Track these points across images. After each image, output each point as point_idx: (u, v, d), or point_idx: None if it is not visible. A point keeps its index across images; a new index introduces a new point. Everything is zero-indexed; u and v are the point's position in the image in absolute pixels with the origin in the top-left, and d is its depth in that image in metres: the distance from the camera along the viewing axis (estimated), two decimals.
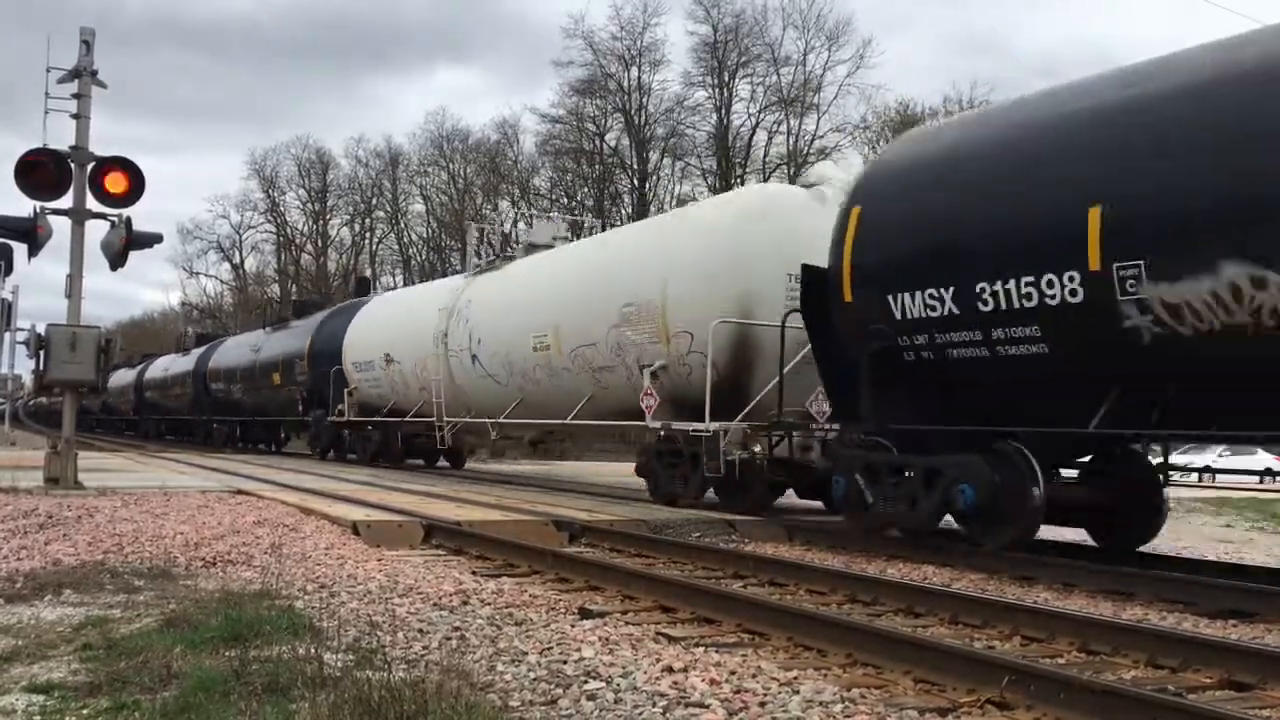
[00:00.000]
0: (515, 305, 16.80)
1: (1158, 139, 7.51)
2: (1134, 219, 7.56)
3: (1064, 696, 4.20)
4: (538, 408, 16.35)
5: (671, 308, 12.96)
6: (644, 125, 53.49)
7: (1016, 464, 8.57)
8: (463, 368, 18.17)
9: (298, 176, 68.50)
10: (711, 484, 12.46)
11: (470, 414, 18.42)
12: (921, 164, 9.71)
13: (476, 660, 4.83)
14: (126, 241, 12.73)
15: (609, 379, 14.25)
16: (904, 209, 9.52)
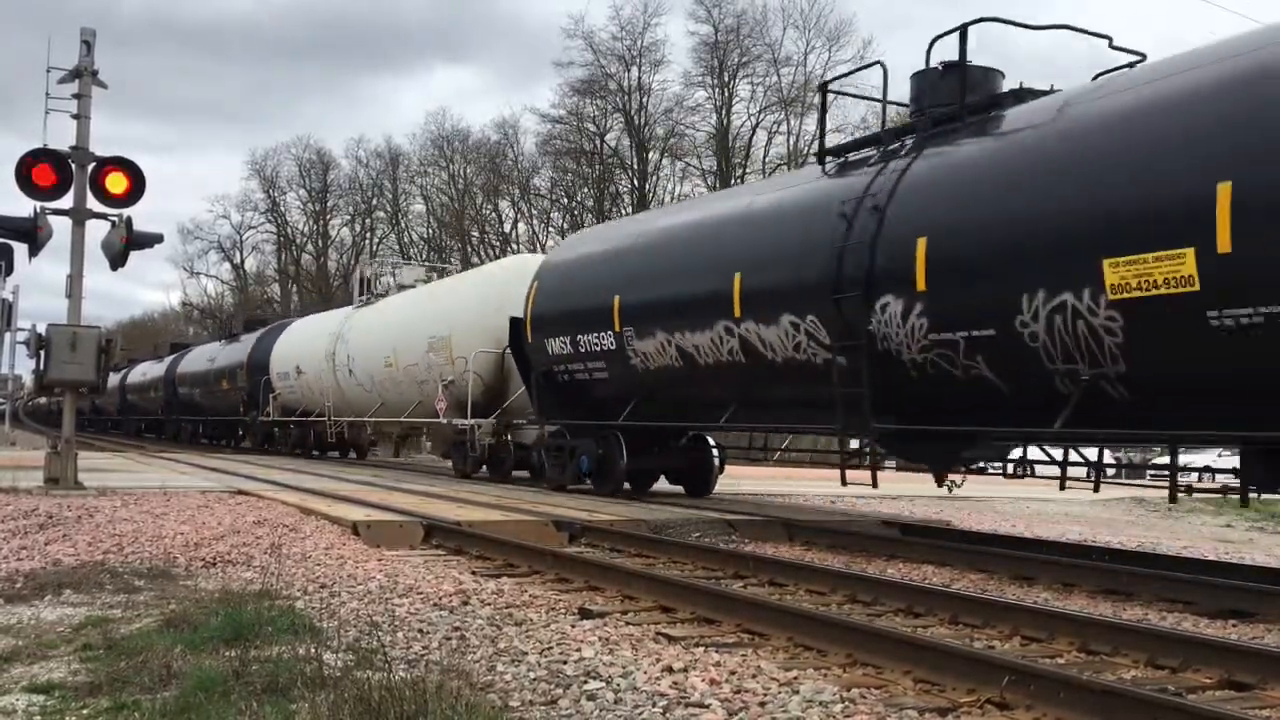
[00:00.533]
0: (375, 332, 22.53)
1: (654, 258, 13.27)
2: (629, 309, 13.20)
3: (1064, 696, 4.20)
4: (392, 409, 21.73)
5: (455, 340, 18.47)
6: (644, 125, 53.48)
7: (613, 444, 14.22)
8: (345, 379, 23.69)
9: (298, 176, 68.57)
10: (483, 461, 18.16)
11: (352, 414, 23.87)
12: (564, 262, 15.51)
13: (476, 660, 4.83)
14: (127, 241, 12.73)
15: (426, 389, 19.50)
16: (554, 287, 15.14)
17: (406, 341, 20.31)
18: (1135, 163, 7.60)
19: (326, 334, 25.03)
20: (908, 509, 14.48)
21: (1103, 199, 7.68)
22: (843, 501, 15.17)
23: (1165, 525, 15.34)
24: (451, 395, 18.12)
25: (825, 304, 9.88)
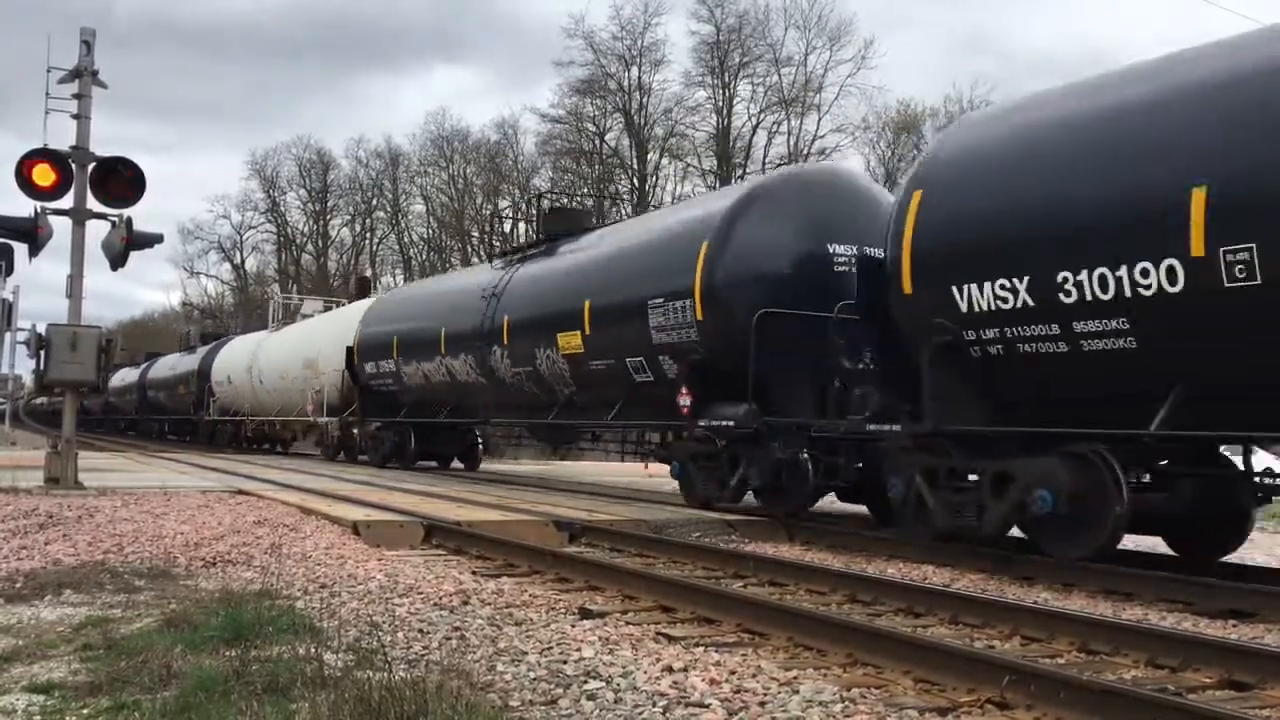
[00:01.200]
0: (276, 352, 28.52)
1: None
2: (401, 345, 20.04)
3: (1064, 696, 4.20)
4: (285, 411, 27.73)
5: (320, 361, 24.86)
6: (644, 125, 53.48)
7: (406, 435, 21.04)
8: (258, 387, 29.44)
9: (298, 176, 68.52)
10: (339, 448, 24.22)
11: (262, 414, 29.69)
12: (375, 310, 21.86)
13: (476, 660, 4.83)
14: (127, 241, 12.73)
15: (304, 396, 25.61)
16: (368, 328, 21.16)
17: (293, 361, 26.96)
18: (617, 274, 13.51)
19: (248, 351, 31.15)
20: None
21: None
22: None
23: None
24: (316, 401, 24.86)
25: (479, 347, 16.74)
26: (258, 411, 30.11)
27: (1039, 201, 8.14)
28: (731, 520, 11.09)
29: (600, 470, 23.39)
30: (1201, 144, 7.21)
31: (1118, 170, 7.69)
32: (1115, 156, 7.75)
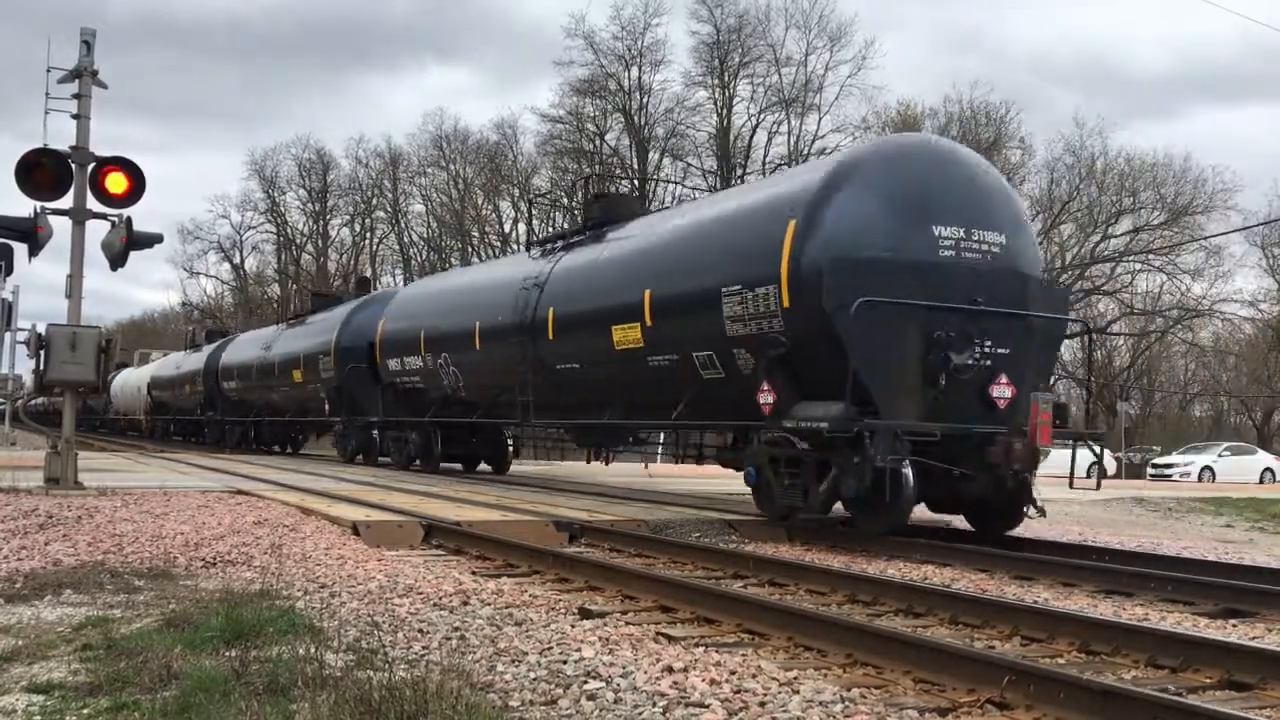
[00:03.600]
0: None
1: None
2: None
3: (1064, 696, 4.20)
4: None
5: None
6: (644, 125, 53.47)
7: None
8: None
9: (298, 177, 68.50)
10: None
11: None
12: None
13: (476, 660, 4.83)
14: (126, 241, 12.72)
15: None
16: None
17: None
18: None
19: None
20: None
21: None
22: None
23: (1165, 525, 15.35)
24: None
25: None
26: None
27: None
28: (731, 520, 11.09)
29: (600, 471, 23.38)
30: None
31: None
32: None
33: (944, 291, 10.00)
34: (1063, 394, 56.31)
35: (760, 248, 10.75)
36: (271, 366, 27.58)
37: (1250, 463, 35.53)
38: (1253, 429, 50.89)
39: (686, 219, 13.07)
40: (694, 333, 11.78)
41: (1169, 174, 50.95)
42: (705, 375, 11.88)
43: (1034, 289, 10.71)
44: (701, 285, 11.65)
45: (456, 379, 18.24)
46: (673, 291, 12.22)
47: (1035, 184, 52.58)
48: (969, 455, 9.93)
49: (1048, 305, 10.87)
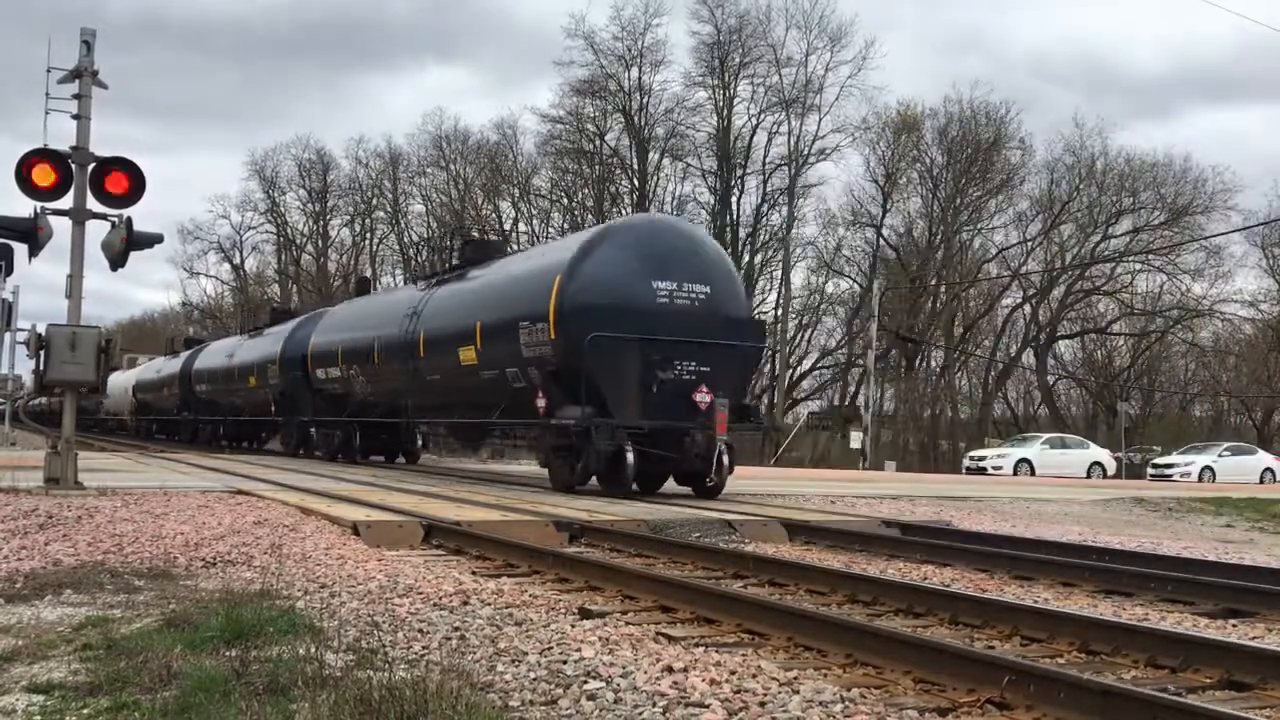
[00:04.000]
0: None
1: None
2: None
3: (1064, 696, 4.20)
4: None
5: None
6: (644, 125, 53.47)
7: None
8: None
9: (298, 177, 68.53)
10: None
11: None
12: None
13: (476, 660, 4.83)
14: (126, 241, 12.72)
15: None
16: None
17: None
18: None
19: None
20: (908, 509, 14.48)
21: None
22: (843, 501, 15.17)
23: (1165, 525, 15.34)
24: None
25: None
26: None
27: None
28: (732, 520, 11.10)
29: None
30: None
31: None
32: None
33: (659, 328, 14.31)
34: (1062, 394, 56.40)
35: (540, 294, 14.92)
36: (234, 372, 30.89)
37: (1250, 463, 35.53)
38: (1253, 429, 50.89)
39: (504, 271, 17.68)
40: (505, 354, 15.81)
41: (1169, 174, 51.05)
42: (514, 385, 15.87)
43: (733, 325, 15.02)
44: (507, 319, 15.80)
45: (365, 386, 22.25)
46: (492, 323, 16.34)
47: (1035, 184, 52.67)
48: (675, 441, 14.27)
49: (744, 336, 15.23)
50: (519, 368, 15.56)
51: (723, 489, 14.75)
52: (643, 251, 14.76)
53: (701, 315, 14.67)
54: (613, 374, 14.12)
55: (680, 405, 14.33)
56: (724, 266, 15.74)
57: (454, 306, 18.20)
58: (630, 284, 14.43)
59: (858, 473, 31.60)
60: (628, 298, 14.33)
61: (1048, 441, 36.55)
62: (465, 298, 18.08)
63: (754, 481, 20.07)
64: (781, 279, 53.25)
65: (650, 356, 14.22)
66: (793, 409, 54.73)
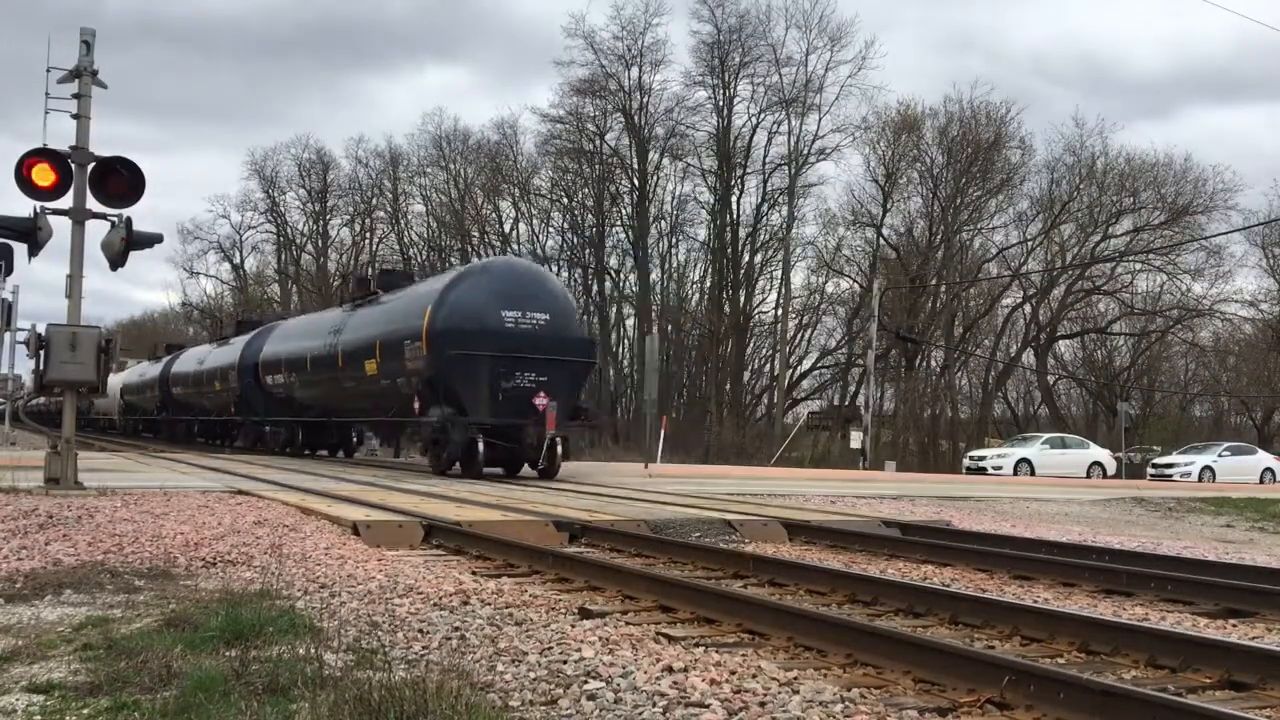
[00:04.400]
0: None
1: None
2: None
3: (1064, 696, 4.20)
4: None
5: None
6: (644, 125, 53.46)
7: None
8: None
9: (298, 177, 68.50)
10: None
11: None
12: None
13: (476, 660, 4.83)
14: (126, 241, 12.72)
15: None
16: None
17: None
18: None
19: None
20: (908, 509, 14.49)
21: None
22: (843, 501, 15.17)
23: (1165, 525, 15.34)
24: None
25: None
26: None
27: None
28: (731, 520, 11.10)
29: (600, 471, 23.39)
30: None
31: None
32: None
33: (506, 347, 18.43)
34: (1062, 393, 56.37)
35: (417, 319, 19.27)
36: (204, 376, 34.26)
37: (1250, 463, 35.52)
38: (1253, 429, 50.89)
39: (400, 298, 21.78)
40: (395, 366, 20.17)
41: (1169, 174, 51.03)
42: (402, 391, 20.10)
43: (567, 344, 19.16)
44: (396, 338, 20.11)
45: (303, 391, 26.01)
46: (386, 341, 20.60)
47: (1035, 184, 52.65)
48: (516, 435, 18.31)
49: (575, 354, 19.41)
50: (405, 377, 19.88)
51: (556, 472, 18.90)
52: (496, 286, 19.08)
53: (541, 337, 18.84)
54: (468, 382, 18.23)
55: (522, 407, 18.25)
56: (562, 299, 20.12)
57: (364, 326, 22.44)
58: (485, 312, 18.67)
59: (858, 473, 31.60)
60: (482, 323, 18.57)
61: (1048, 441, 36.54)
62: (373, 319, 22.25)
63: (753, 481, 20.08)
64: (781, 279, 53.29)
65: (498, 369, 18.18)
66: (793, 409, 54.71)
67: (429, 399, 18.80)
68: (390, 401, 21.02)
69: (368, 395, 22.18)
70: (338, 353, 23.13)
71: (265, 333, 30.22)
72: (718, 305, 53.47)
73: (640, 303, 53.49)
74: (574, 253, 57.16)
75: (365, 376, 21.66)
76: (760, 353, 55.96)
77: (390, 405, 21.16)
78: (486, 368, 18.13)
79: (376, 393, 21.52)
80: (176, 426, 39.57)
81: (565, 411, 18.65)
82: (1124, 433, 41.25)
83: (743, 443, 45.82)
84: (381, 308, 22.36)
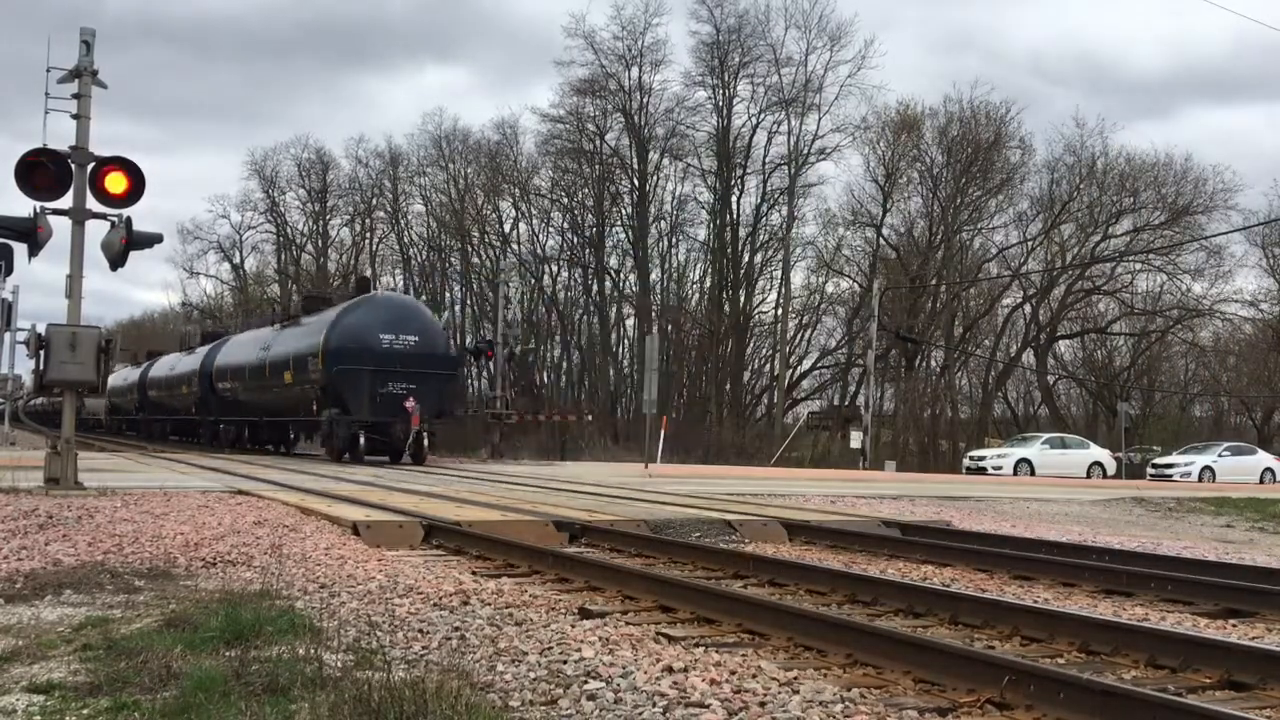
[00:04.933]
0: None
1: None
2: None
3: (1064, 696, 4.20)
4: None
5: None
6: (644, 125, 53.45)
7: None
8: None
9: (298, 177, 68.38)
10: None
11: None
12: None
13: (476, 660, 4.83)
14: (126, 242, 12.71)
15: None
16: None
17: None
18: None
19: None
20: (908, 509, 14.49)
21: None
22: (843, 501, 15.17)
23: (1165, 525, 15.34)
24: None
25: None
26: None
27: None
28: (731, 520, 11.11)
29: (601, 471, 23.40)
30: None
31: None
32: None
33: (382, 361, 24.40)
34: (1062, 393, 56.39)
35: (318, 338, 25.26)
36: (174, 381, 39.87)
37: (1250, 463, 35.50)
38: (1253, 429, 50.87)
39: (311, 321, 27.37)
40: (303, 376, 25.98)
41: (1169, 174, 50.98)
42: (309, 396, 25.90)
43: (432, 360, 25.23)
44: (303, 354, 26.08)
45: (243, 395, 31.11)
46: (297, 356, 26.54)
47: (1035, 184, 52.63)
48: (388, 430, 24.00)
49: (440, 367, 25.64)
50: (310, 385, 25.73)
51: (424, 459, 24.76)
52: (378, 314, 25.45)
53: (410, 354, 24.86)
54: (352, 389, 24.26)
55: (394, 408, 24.00)
56: (431, 325, 26.52)
57: (285, 343, 28.06)
58: (367, 335, 24.79)
59: (858, 473, 31.60)
60: (364, 343, 24.63)
61: (1048, 441, 36.53)
62: (292, 337, 27.82)
63: (753, 481, 20.08)
64: (781, 279, 53.26)
65: (376, 379, 24.21)
66: (793, 409, 54.68)
67: (324, 403, 25.16)
68: (302, 405, 26.88)
69: (286, 400, 27.97)
70: (266, 364, 28.81)
71: (220, 345, 35.76)
72: (718, 305, 53.46)
73: (640, 303, 53.48)
74: (574, 253, 57.16)
75: (284, 384, 27.50)
76: (760, 353, 55.96)
77: (301, 408, 27.05)
78: (366, 378, 24.19)
79: (292, 398, 27.36)
80: (152, 425, 44.81)
81: (431, 411, 24.81)
82: (1124, 433, 41.23)
83: (743, 443, 45.81)
84: (299, 329, 28.03)
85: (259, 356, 29.50)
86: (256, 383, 29.60)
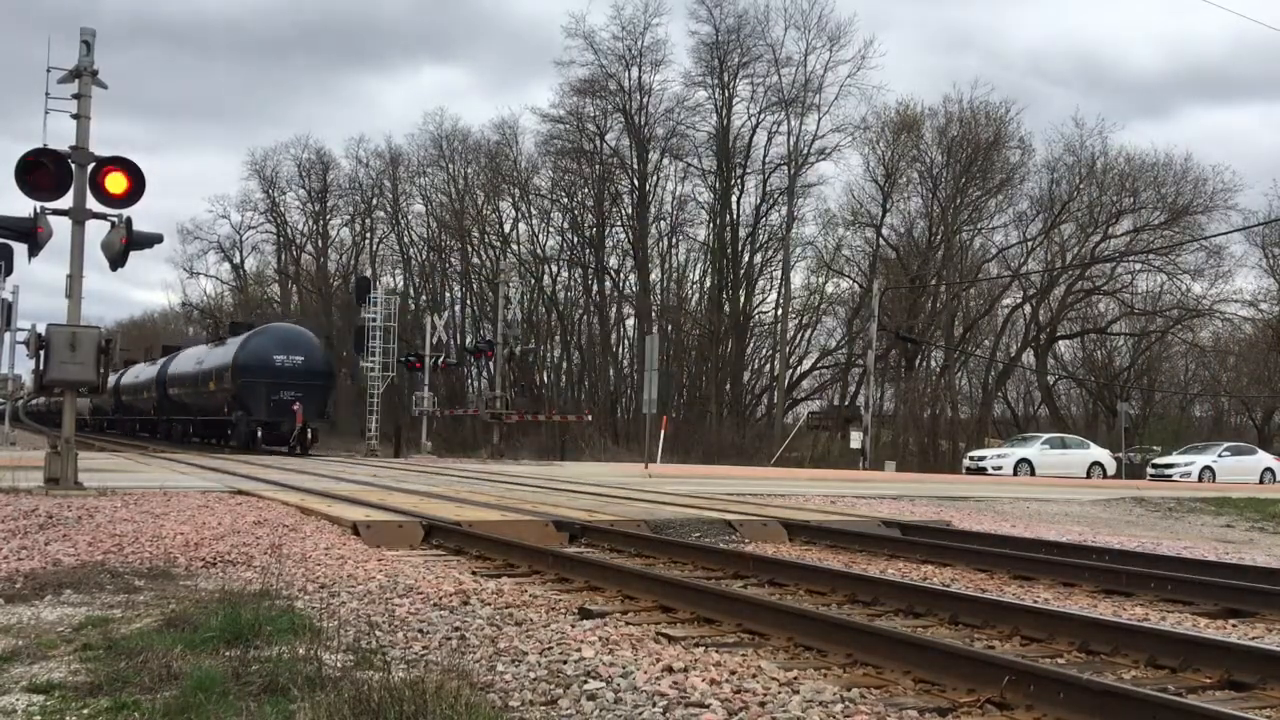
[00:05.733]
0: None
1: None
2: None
3: (1064, 696, 4.20)
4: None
5: None
6: (644, 125, 53.46)
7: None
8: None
9: (298, 177, 68.43)
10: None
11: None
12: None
13: (476, 660, 4.82)
14: (126, 242, 12.72)
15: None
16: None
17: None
18: None
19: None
20: (908, 509, 14.49)
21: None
22: (843, 501, 15.17)
23: (1165, 525, 15.35)
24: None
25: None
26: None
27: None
28: (731, 520, 11.11)
29: (601, 471, 23.41)
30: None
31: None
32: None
33: (276, 376, 33.69)
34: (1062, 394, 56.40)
35: (229, 355, 34.72)
36: (139, 387, 47.49)
37: (1250, 463, 35.50)
38: (1253, 429, 50.86)
39: (231, 343, 35.98)
40: (222, 385, 34.56)
41: (1169, 174, 50.98)
42: (227, 401, 34.33)
43: (315, 374, 34.43)
44: (222, 368, 34.73)
45: (186, 399, 39.16)
46: (219, 370, 35.13)
47: (1035, 184, 52.64)
48: (279, 427, 33.16)
49: (321, 380, 34.93)
50: (227, 393, 34.02)
51: (308, 449, 32.91)
52: (275, 340, 34.61)
53: (298, 370, 33.79)
54: (252, 396, 33.05)
55: (285, 411, 32.59)
56: (315, 348, 35.62)
57: (212, 359, 36.69)
58: (265, 355, 33.75)
59: (858, 473, 31.60)
60: (262, 361, 33.55)
61: (1048, 441, 36.53)
62: (218, 354, 36.21)
63: (753, 481, 20.09)
64: (781, 279, 53.28)
65: (271, 388, 32.86)
66: (793, 409, 54.69)
67: (234, 406, 33.98)
68: (221, 407, 35.33)
69: (211, 403, 36.47)
70: (199, 375, 37.49)
71: (173, 356, 44.03)
72: (718, 305, 53.47)
73: (640, 303, 53.50)
74: (574, 253, 57.17)
75: (209, 391, 36.25)
76: (760, 353, 55.98)
77: (223, 410, 35.30)
78: (263, 388, 33.13)
79: (216, 403, 35.91)
80: (125, 424, 53.43)
81: (314, 413, 33.85)
82: (1124, 433, 41.23)
83: (743, 443, 45.83)
84: (223, 347, 36.69)
85: (195, 369, 38.37)
86: (194, 389, 38.31)
